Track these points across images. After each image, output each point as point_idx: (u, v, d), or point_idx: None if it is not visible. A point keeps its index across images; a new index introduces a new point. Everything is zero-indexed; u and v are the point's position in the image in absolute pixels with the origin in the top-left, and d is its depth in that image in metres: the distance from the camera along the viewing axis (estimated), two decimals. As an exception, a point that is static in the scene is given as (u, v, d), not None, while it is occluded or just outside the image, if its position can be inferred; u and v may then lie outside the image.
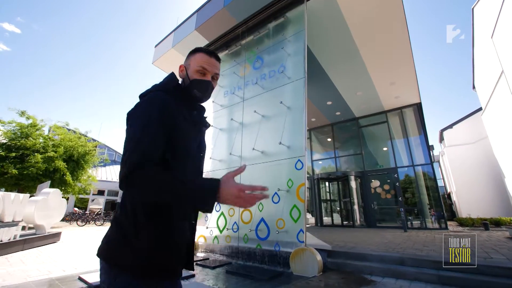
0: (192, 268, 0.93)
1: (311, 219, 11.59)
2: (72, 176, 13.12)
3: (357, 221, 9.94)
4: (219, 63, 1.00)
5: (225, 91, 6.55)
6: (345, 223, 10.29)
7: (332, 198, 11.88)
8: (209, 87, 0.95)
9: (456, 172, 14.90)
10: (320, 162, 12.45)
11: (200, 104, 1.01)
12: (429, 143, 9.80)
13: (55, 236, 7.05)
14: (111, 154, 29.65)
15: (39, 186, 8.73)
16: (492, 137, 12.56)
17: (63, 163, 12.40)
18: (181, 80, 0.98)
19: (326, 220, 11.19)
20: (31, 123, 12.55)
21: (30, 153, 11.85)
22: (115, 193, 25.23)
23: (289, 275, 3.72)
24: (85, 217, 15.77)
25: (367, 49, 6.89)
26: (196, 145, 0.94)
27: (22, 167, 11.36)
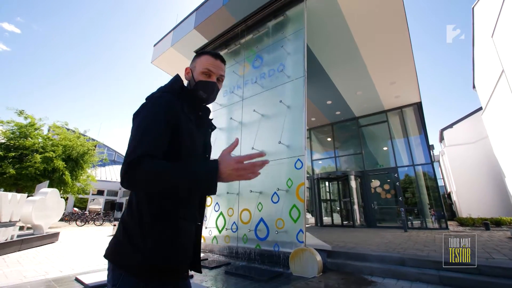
0: (200, 270, 0.93)
1: (311, 219, 11.55)
2: (71, 176, 13.08)
3: (357, 221, 9.90)
4: (225, 65, 1.01)
5: (224, 90, 6.51)
6: (345, 223, 10.26)
7: (332, 198, 11.85)
8: (214, 88, 0.97)
9: (456, 172, 14.87)
10: (320, 162, 12.41)
11: (205, 106, 1.02)
12: (429, 143, 9.77)
13: (53, 236, 7.01)
14: (111, 154, 29.60)
15: (38, 186, 8.69)
16: (492, 137, 12.53)
17: (62, 163, 12.36)
18: (187, 82, 1.00)
19: (326, 220, 11.16)
20: (30, 123, 12.51)
21: (29, 153, 11.81)
22: (115, 193, 25.18)
23: (289, 276, 3.68)
24: (84, 217, 15.74)
25: (367, 49, 6.85)
26: (201, 146, 0.95)
27: (21, 167, 11.32)
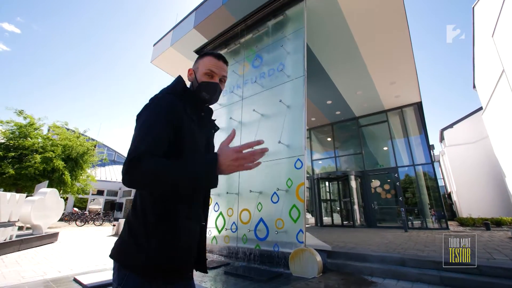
0: (205, 271, 0.93)
1: (311, 219, 11.53)
2: (71, 176, 13.06)
3: (357, 221, 9.87)
4: (227, 66, 1.02)
5: (224, 90, 6.48)
6: (345, 223, 10.23)
7: (332, 198, 11.83)
8: (217, 89, 0.97)
9: (457, 172, 14.84)
10: (320, 162, 12.39)
11: (208, 107, 1.03)
12: (430, 143, 9.75)
13: (53, 237, 6.99)
14: (111, 154, 29.59)
15: (37, 186, 8.68)
16: (493, 137, 12.51)
17: (62, 163, 12.34)
18: (190, 83, 1.01)
19: (326, 220, 11.13)
20: (29, 123, 12.50)
21: (29, 153, 11.80)
22: (115, 193, 25.16)
23: (288, 276, 3.66)
24: (84, 217, 15.72)
25: (367, 48, 6.83)
26: (204, 147, 0.95)
27: (20, 167, 11.31)
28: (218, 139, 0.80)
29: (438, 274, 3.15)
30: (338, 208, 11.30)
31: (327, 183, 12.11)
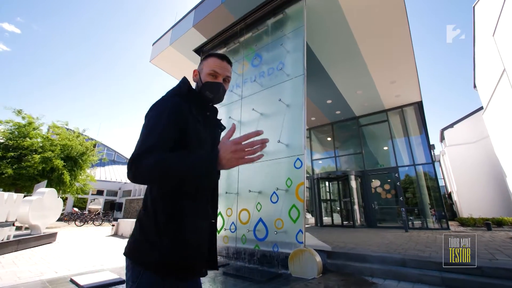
0: (216, 267, 0.95)
1: (311, 219, 11.49)
2: (70, 176, 13.02)
3: (358, 221, 9.83)
4: (231, 66, 1.04)
5: (223, 89, 6.44)
6: (345, 223, 10.19)
7: (332, 198, 11.78)
8: (220, 89, 0.99)
9: (457, 172, 14.80)
10: (320, 162, 12.34)
11: (213, 106, 1.05)
12: (430, 143, 9.70)
13: (51, 237, 6.95)
14: (110, 154, 29.57)
15: (36, 186, 8.64)
16: (493, 136, 12.46)
17: (61, 162, 12.30)
18: (195, 84, 1.04)
19: (326, 220, 11.08)
20: (28, 122, 12.46)
21: (28, 153, 11.76)
22: (114, 193, 25.14)
23: (288, 277, 3.62)
24: (84, 217, 15.69)
25: (367, 46, 6.78)
26: (210, 146, 0.96)
27: (19, 167, 11.27)
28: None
29: (440, 275, 3.10)
30: (338, 208, 11.26)
31: (327, 183, 12.06)
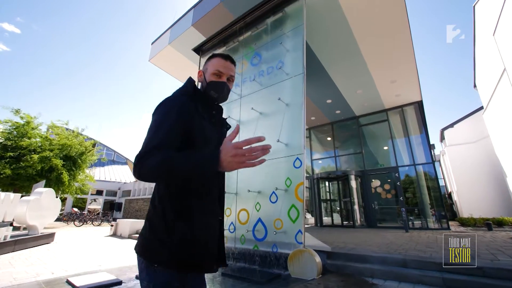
0: (225, 264, 0.97)
1: (311, 219, 11.44)
2: (69, 176, 12.96)
3: (358, 221, 9.79)
4: (235, 66, 1.06)
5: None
6: (345, 223, 10.14)
7: (332, 198, 11.73)
8: (225, 88, 1.01)
9: (457, 172, 14.76)
10: (320, 162, 12.30)
11: (218, 105, 1.07)
12: (430, 142, 9.66)
13: (49, 237, 6.90)
14: (110, 154, 29.51)
15: (34, 186, 8.60)
16: (494, 136, 12.43)
17: (60, 161, 12.25)
18: (200, 84, 1.06)
19: (326, 220, 11.04)
20: (26, 121, 12.40)
21: (27, 153, 11.71)
22: (114, 193, 25.07)
23: (287, 278, 3.57)
24: (83, 217, 15.63)
25: (368, 46, 6.74)
26: (216, 145, 0.96)
27: (17, 167, 11.22)
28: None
29: (441, 276, 3.06)
30: (338, 208, 11.21)
31: (327, 183, 12.02)
